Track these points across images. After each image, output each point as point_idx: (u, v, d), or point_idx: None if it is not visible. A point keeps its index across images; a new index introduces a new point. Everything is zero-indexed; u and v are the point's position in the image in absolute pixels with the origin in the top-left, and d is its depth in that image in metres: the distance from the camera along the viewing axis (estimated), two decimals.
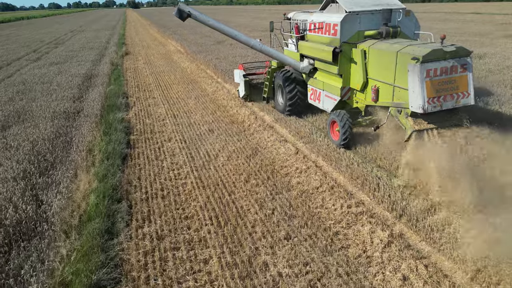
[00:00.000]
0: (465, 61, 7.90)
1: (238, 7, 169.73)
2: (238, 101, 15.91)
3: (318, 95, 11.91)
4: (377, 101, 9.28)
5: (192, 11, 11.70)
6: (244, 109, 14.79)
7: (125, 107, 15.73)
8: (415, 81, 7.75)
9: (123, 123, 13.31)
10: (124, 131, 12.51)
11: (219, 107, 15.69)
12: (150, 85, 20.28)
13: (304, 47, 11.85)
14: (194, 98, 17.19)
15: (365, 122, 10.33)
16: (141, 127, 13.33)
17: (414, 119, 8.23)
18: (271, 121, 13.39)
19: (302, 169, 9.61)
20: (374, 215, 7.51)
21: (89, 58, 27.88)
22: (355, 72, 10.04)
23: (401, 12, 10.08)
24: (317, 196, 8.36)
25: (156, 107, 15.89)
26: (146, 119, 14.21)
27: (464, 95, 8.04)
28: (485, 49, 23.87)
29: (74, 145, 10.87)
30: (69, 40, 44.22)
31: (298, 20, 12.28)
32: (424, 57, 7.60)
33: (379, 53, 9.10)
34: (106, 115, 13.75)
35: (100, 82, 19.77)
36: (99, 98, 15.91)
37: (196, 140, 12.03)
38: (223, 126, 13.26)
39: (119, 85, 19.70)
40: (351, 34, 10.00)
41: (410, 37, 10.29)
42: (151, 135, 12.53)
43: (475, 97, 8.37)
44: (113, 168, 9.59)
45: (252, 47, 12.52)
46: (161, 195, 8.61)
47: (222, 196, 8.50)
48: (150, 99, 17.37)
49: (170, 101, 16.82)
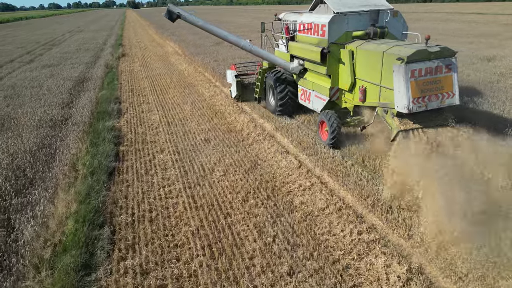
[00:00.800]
0: (450, 62, 7.90)
1: (238, 7, 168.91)
2: (236, 107, 15.03)
3: (308, 96, 11.96)
4: (365, 101, 9.33)
5: (181, 12, 11.48)
6: (243, 116, 13.90)
7: (117, 113, 14.84)
8: (400, 81, 7.78)
9: (113, 132, 12.41)
10: (114, 141, 11.61)
11: (217, 113, 14.80)
12: (145, 89, 19.38)
13: (294, 48, 11.86)
14: (190, 103, 16.30)
15: (354, 122, 10.33)
16: (132, 136, 12.43)
17: (400, 119, 8.23)
18: (271, 130, 12.51)
19: (306, 186, 8.71)
20: (388, 243, 6.62)
21: (84, 60, 27.00)
22: (343, 73, 10.08)
23: (388, 13, 10.13)
24: (323, 220, 7.46)
25: (150, 114, 15.00)
26: (139, 127, 13.32)
27: (449, 95, 8.05)
28: (493, 51, 22.96)
29: (57, 158, 9.99)
30: (66, 41, 43.35)
31: (288, 20, 12.22)
32: (409, 57, 7.62)
33: (366, 53, 9.15)
34: (96, 123, 12.87)
35: (93, 86, 18.89)
36: (89, 104, 15.02)
37: (191, 151, 11.14)
38: (220, 135, 12.37)
39: (113, 89, 18.81)
40: (339, 35, 10.03)
41: (398, 37, 10.30)
42: (143, 146, 11.64)
43: (460, 97, 8.34)
44: (98, 185, 8.71)
45: (242, 48, 12.32)
46: (149, 218, 7.71)
47: (217, 219, 7.61)
48: (144, 104, 16.48)
49: (165, 107, 15.93)
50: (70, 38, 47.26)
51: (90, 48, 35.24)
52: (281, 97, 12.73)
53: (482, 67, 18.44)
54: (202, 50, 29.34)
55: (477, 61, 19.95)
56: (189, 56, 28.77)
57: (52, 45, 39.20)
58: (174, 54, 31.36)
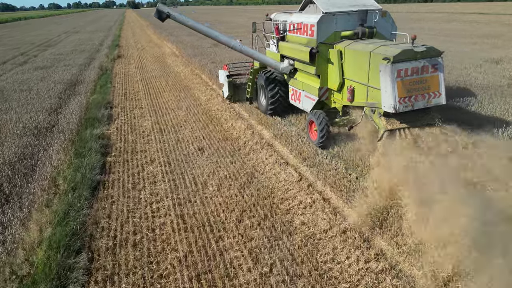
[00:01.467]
0: (436, 61, 7.89)
1: (238, 7, 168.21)
2: (233, 112, 14.27)
3: (299, 96, 11.93)
4: (353, 101, 9.33)
5: (171, 12, 11.39)
6: (240, 122, 13.14)
7: (107, 120, 14.07)
8: (387, 81, 7.75)
9: (101, 141, 11.65)
10: (101, 151, 10.85)
11: (212, 119, 14.04)
12: (138, 92, 18.62)
13: (284, 48, 11.85)
14: (185, 108, 15.55)
15: (343, 122, 10.26)
16: (121, 145, 11.67)
17: (387, 119, 8.20)
18: (270, 138, 11.75)
19: (307, 204, 7.95)
20: (400, 274, 5.86)
21: (78, 62, 26.23)
22: (332, 73, 10.08)
23: (377, 13, 10.14)
24: (326, 244, 6.71)
25: (142, 120, 14.23)
26: (129, 135, 12.56)
27: (436, 95, 8.04)
28: (500, 53, 22.19)
29: (38, 171, 9.23)
30: (61, 42, 42.59)
31: (279, 20, 12.20)
32: (395, 57, 7.60)
33: (354, 53, 9.14)
34: (83, 131, 12.10)
35: (84, 89, 18.13)
36: (78, 110, 14.26)
37: (183, 162, 10.38)
38: (215, 144, 11.61)
39: (105, 93, 18.05)
40: (327, 35, 10.03)
41: (387, 37, 10.28)
42: (132, 156, 10.88)
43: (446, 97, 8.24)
44: (79, 202, 7.95)
45: (233, 48, 12.15)
46: (133, 242, 6.94)
47: (208, 243, 6.85)
48: (136, 109, 15.72)
49: (158, 112, 15.17)
50: (66, 39, 46.49)
51: (86, 49, 34.48)
52: (272, 95, 12.66)
53: (490, 69, 17.66)
54: (199, 52, 28.59)
55: (484, 64, 19.17)
56: (186, 57, 28.02)
57: (47, 46, 38.44)
58: (171, 56, 30.60)
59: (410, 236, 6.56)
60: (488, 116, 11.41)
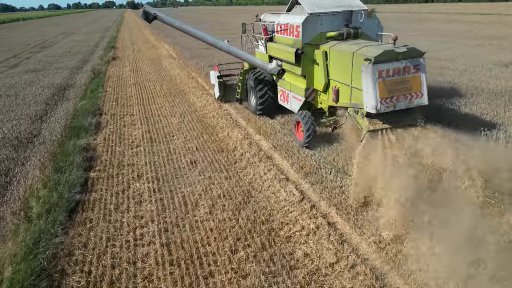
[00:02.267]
0: (418, 62, 7.88)
1: (238, 7, 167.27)
2: (230, 120, 13.36)
3: (287, 96, 11.96)
4: (338, 102, 9.33)
5: (158, 13, 11.33)
6: (236, 131, 12.23)
7: (95, 128, 13.15)
8: (368, 81, 7.73)
9: (85, 153, 10.73)
10: (84, 165, 9.93)
11: (207, 127, 13.12)
12: (131, 98, 17.70)
13: (272, 49, 11.87)
14: (179, 115, 14.63)
15: (329, 123, 10.17)
16: (107, 157, 10.75)
17: (370, 120, 8.14)
18: (268, 149, 10.85)
19: (310, 229, 7.04)
20: None
21: (70, 65, 25.31)
22: (318, 73, 10.10)
23: (362, 14, 10.10)
24: (333, 282, 5.79)
25: (132, 128, 13.31)
26: (117, 146, 11.63)
27: (418, 95, 8.02)
28: (508, 55, 21.26)
29: (11, 190, 8.31)
30: (57, 44, 41.67)
31: (267, 21, 12.27)
32: (376, 58, 7.58)
33: (338, 54, 9.16)
34: (67, 141, 11.18)
35: (74, 95, 17.22)
36: (64, 118, 13.34)
37: (173, 178, 9.46)
38: (209, 156, 10.70)
39: (95, 98, 17.13)
40: (313, 36, 10.04)
41: (373, 38, 10.25)
42: (118, 170, 9.96)
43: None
44: (53, 228, 7.04)
45: (220, 49, 12.07)
46: (109, 280, 6.01)
47: (196, 281, 5.91)
48: (127, 116, 14.80)
49: (150, 120, 14.25)
50: (62, 40, 45.58)
51: (80, 51, 33.56)
52: (261, 96, 12.70)
53: (501, 74, 16.74)
54: (196, 53, 27.69)
55: (494, 67, 18.26)
56: (183, 59, 27.13)
57: (42, 48, 37.51)
58: (168, 58, 29.70)
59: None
60: (506, 125, 10.49)
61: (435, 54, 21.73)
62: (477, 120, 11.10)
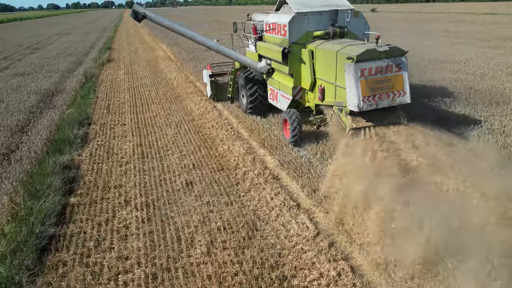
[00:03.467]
0: (400, 61, 7.95)
1: (238, 7, 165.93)
2: (231, 131, 12.11)
3: (276, 95, 12.02)
4: (323, 100, 9.42)
5: (147, 12, 11.21)
6: (238, 145, 10.96)
7: (81, 141, 11.85)
8: (351, 80, 7.84)
9: (67, 172, 9.46)
10: (63, 189, 8.63)
11: (206, 140, 11.85)
12: (123, 104, 16.42)
13: (261, 48, 11.90)
14: (175, 125, 13.35)
15: (316, 121, 10.24)
16: (92, 178, 9.47)
17: (353, 118, 8.24)
18: (274, 166, 9.60)
19: (331, 279, 5.76)
20: None
21: (61, 68, 24.00)
22: (305, 72, 10.18)
23: (349, 13, 10.17)
24: None
25: (122, 141, 12.02)
26: (104, 163, 10.35)
27: (400, 94, 8.09)
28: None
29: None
30: (51, 45, 40.34)
31: (256, 21, 12.36)
32: (358, 56, 7.68)
33: (323, 53, 9.25)
34: (47, 158, 9.89)
35: (62, 101, 15.93)
36: (47, 129, 12.06)
37: (166, 203, 8.18)
38: (207, 176, 9.42)
39: (85, 105, 15.84)
40: (300, 35, 10.12)
41: (359, 37, 10.28)
42: (103, 194, 8.68)
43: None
44: (18, 275, 5.77)
45: (209, 48, 12.07)
46: None
47: None
48: (118, 126, 13.52)
49: (143, 130, 12.97)
50: (57, 41, 44.24)
51: (75, 52, 32.23)
52: (251, 95, 12.75)
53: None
54: (195, 56, 26.39)
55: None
56: (180, 62, 25.86)
57: (35, 49, 36.19)
58: (165, 60, 28.42)
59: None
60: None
61: (451, 57, 20.48)
62: (507, 133, 9.85)
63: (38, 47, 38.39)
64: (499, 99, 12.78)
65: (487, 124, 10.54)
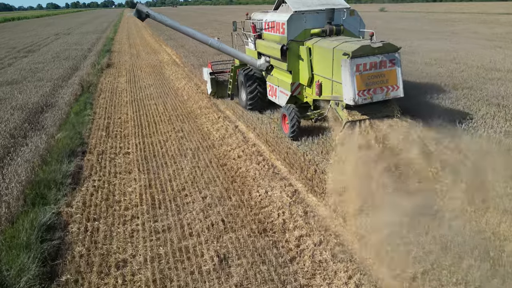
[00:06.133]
0: (394, 56, 8.29)
1: (238, 7, 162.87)
2: (264, 164, 9.49)
3: (275, 91, 12.23)
4: (321, 95, 9.73)
5: (150, 12, 11.48)
6: (278, 186, 8.29)
7: (73, 181, 9.08)
8: (346, 75, 8.15)
9: (48, 242, 6.70)
10: (41, 272, 5.88)
11: (234, 178, 9.14)
12: (126, 123, 13.69)
13: (260, 45, 12.10)
14: (191, 154, 10.64)
15: (314, 116, 10.38)
16: (83, 249, 6.68)
17: (349, 111, 8.55)
18: (345, 234, 6.86)
19: None
20: None
21: (55, 75, 21.20)
22: (303, 68, 10.45)
23: (345, 12, 10.56)
24: None
25: (126, 180, 9.29)
26: (101, 220, 7.59)
27: (394, 88, 8.43)
28: None
29: None
30: (47, 46, 37.53)
31: (255, 19, 12.58)
32: (353, 52, 7.99)
33: (321, 50, 9.53)
34: (24, 215, 7.15)
35: (52, 120, 13.18)
36: (29, 164, 9.31)
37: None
38: (246, 244, 6.68)
39: (80, 125, 13.09)
40: (298, 33, 10.42)
41: (355, 35, 10.66)
42: (98, 280, 5.92)
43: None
44: None
45: (210, 46, 12.23)
46: None
47: None
48: (120, 156, 10.79)
49: (151, 162, 10.23)
50: (53, 43, 41.40)
51: (71, 55, 29.43)
52: (250, 91, 12.96)
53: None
54: (204, 60, 23.59)
55: None
56: (189, 67, 23.12)
57: (29, 52, 33.37)
58: (171, 64, 25.67)
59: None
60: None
61: (499, 65, 17.73)
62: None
63: (32, 49, 35.57)
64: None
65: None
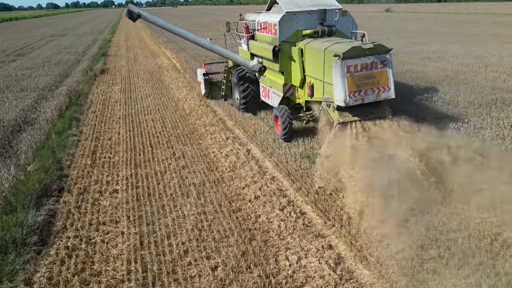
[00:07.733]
0: (385, 58, 8.28)
1: (239, 7, 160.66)
2: (290, 210, 7.26)
3: (268, 92, 12.18)
4: (313, 97, 9.72)
5: (141, 12, 11.51)
6: (313, 248, 6.09)
7: (39, 239, 6.82)
8: (337, 76, 8.13)
9: None
10: None
11: (253, 233, 6.90)
12: (117, 146, 11.45)
13: (253, 46, 12.05)
14: (195, 193, 8.42)
15: (306, 117, 10.33)
16: None
17: (340, 112, 8.53)
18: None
19: None
20: None
21: (41, 83, 18.95)
22: (295, 70, 10.42)
23: (337, 12, 10.50)
24: None
25: (110, 236, 7.04)
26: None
27: (385, 89, 8.42)
28: None
29: None
30: (39, 49, 35.30)
31: (248, 20, 12.49)
32: (344, 53, 7.97)
33: (312, 51, 9.53)
34: None
35: (27, 144, 10.93)
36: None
37: None
38: None
39: (60, 150, 10.85)
40: (290, 34, 10.37)
41: (348, 35, 10.61)
42: None
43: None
44: None
45: (202, 46, 12.15)
46: None
47: None
48: (106, 196, 8.54)
49: (145, 207, 7.98)
50: (47, 44, 39.16)
51: (63, 60, 27.19)
52: (244, 93, 12.84)
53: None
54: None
55: None
56: (190, 74, 20.91)
57: (18, 55, 31.10)
58: (171, 70, 23.45)
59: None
60: None
61: None
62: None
63: (23, 52, 33.31)
64: None
65: None
